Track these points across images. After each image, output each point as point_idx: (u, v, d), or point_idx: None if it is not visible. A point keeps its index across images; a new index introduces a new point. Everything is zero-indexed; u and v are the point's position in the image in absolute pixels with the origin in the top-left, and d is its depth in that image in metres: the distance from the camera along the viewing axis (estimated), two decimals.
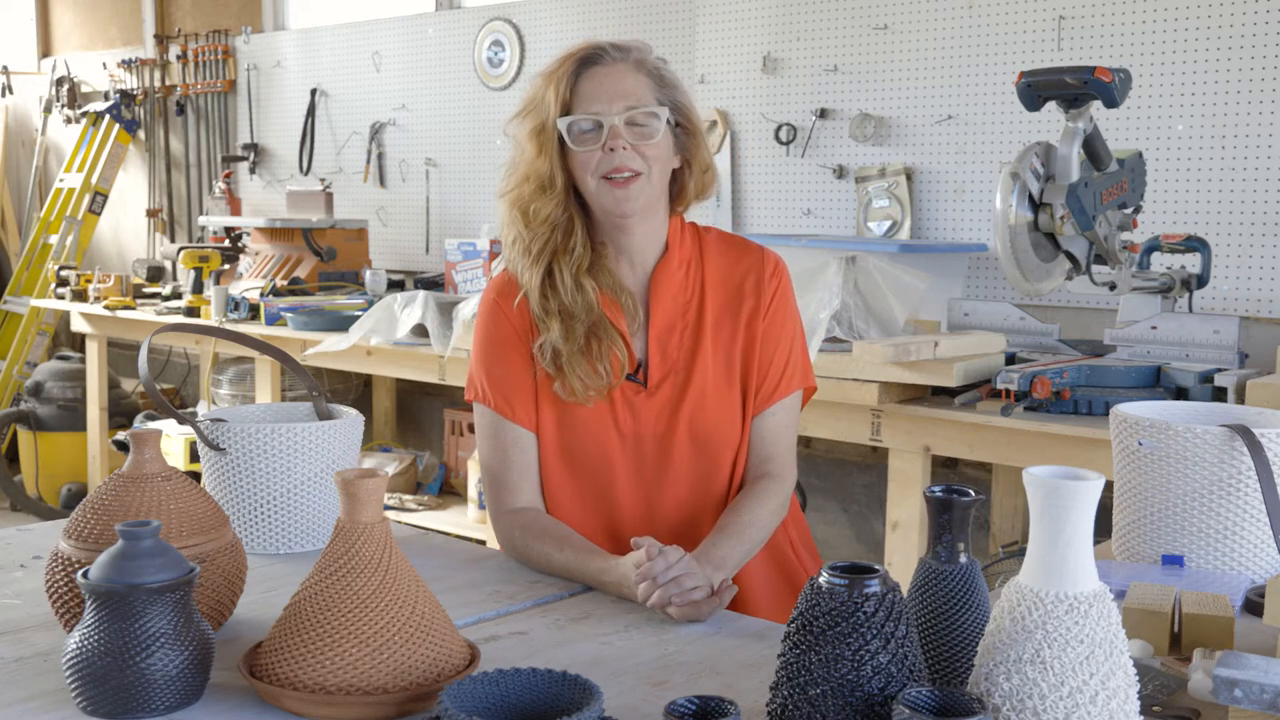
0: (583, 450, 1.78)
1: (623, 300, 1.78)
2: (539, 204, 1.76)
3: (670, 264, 1.81)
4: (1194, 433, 1.60)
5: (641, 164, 1.72)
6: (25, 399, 5.80)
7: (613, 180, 1.72)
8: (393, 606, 1.20)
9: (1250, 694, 1.06)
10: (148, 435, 1.43)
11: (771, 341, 1.82)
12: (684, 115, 1.78)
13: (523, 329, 1.80)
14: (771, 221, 4.09)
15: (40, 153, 7.04)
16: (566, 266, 1.76)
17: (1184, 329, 2.69)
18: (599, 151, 1.71)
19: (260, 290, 4.60)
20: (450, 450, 4.96)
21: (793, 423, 1.85)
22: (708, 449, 1.79)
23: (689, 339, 1.80)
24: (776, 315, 1.83)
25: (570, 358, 1.75)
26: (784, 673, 1.07)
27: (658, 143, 1.73)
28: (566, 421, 1.78)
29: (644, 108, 1.72)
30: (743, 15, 4.12)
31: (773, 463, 1.82)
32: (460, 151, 5.04)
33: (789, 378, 1.82)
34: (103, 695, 1.16)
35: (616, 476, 1.79)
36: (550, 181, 1.75)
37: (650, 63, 1.77)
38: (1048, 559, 1.01)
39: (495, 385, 1.80)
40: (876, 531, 3.99)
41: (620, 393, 1.78)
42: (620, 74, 1.73)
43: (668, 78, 1.78)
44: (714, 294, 1.82)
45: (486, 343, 1.82)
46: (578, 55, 1.75)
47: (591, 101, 1.72)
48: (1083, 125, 2.47)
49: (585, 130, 1.72)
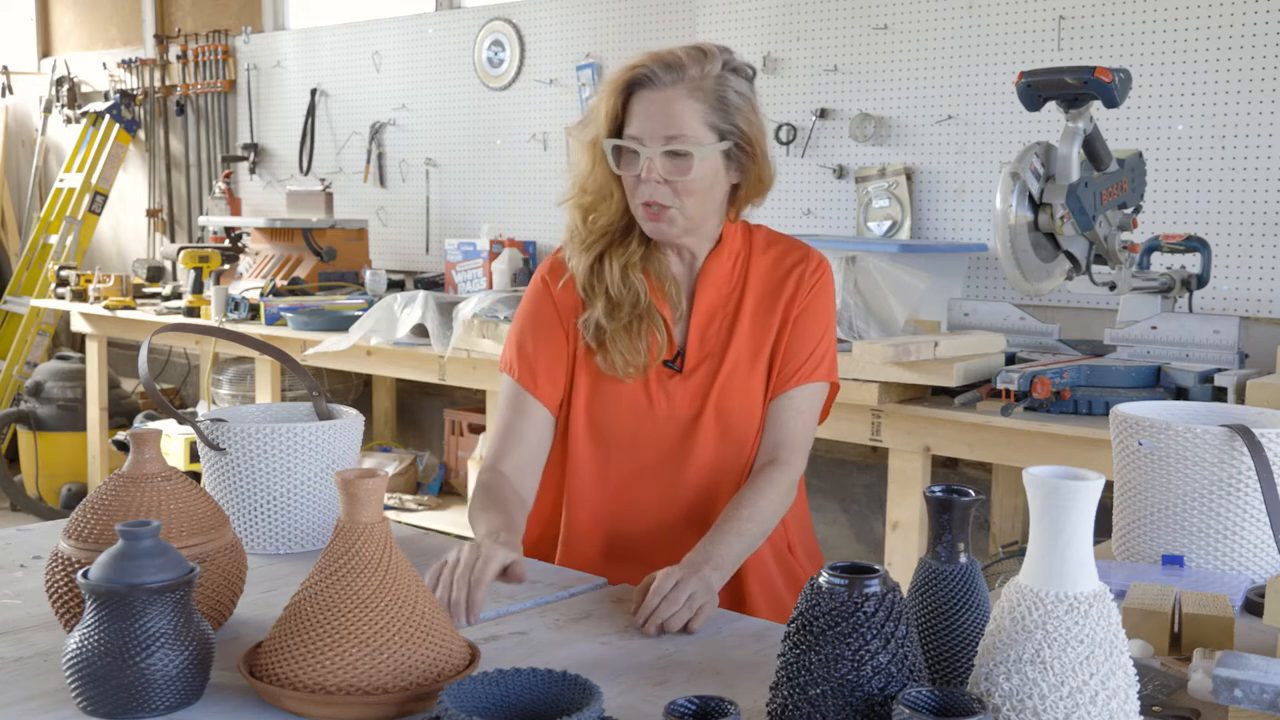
0: (613, 427, 1.81)
1: (667, 288, 1.81)
2: (598, 212, 1.80)
3: (720, 256, 1.84)
4: (1194, 433, 1.60)
5: (671, 199, 1.72)
6: (25, 399, 5.80)
7: (647, 209, 1.74)
8: (393, 606, 1.20)
9: (1250, 694, 1.06)
10: (148, 435, 1.43)
11: (802, 330, 1.83)
12: (746, 140, 1.75)
13: (566, 308, 1.83)
14: (772, 221, 4.03)
15: (40, 153, 7.04)
16: (617, 259, 1.79)
17: (1184, 329, 2.69)
18: (635, 178, 1.73)
19: (260, 290, 4.60)
20: (450, 450, 4.96)
21: (811, 413, 1.84)
22: (732, 431, 1.81)
23: (726, 327, 1.82)
24: (811, 308, 1.84)
25: (614, 334, 1.78)
26: (784, 673, 1.07)
27: (694, 178, 1.71)
28: (600, 397, 1.81)
29: (684, 143, 1.69)
30: (743, 15, 4.12)
31: (783, 449, 1.81)
32: (460, 151, 5.04)
33: (812, 366, 1.83)
34: (103, 695, 1.16)
35: (643, 455, 1.81)
36: (607, 192, 1.78)
37: (710, 84, 1.71)
38: (1048, 559, 1.01)
39: (524, 359, 1.83)
40: (876, 531, 3.99)
41: (656, 375, 1.81)
42: (668, 100, 1.70)
43: (731, 101, 1.72)
44: (755, 286, 1.84)
45: (526, 318, 1.87)
46: (633, 73, 1.72)
47: (635, 128, 1.72)
48: (1083, 125, 2.47)
49: (626, 154, 1.73)
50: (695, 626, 1.46)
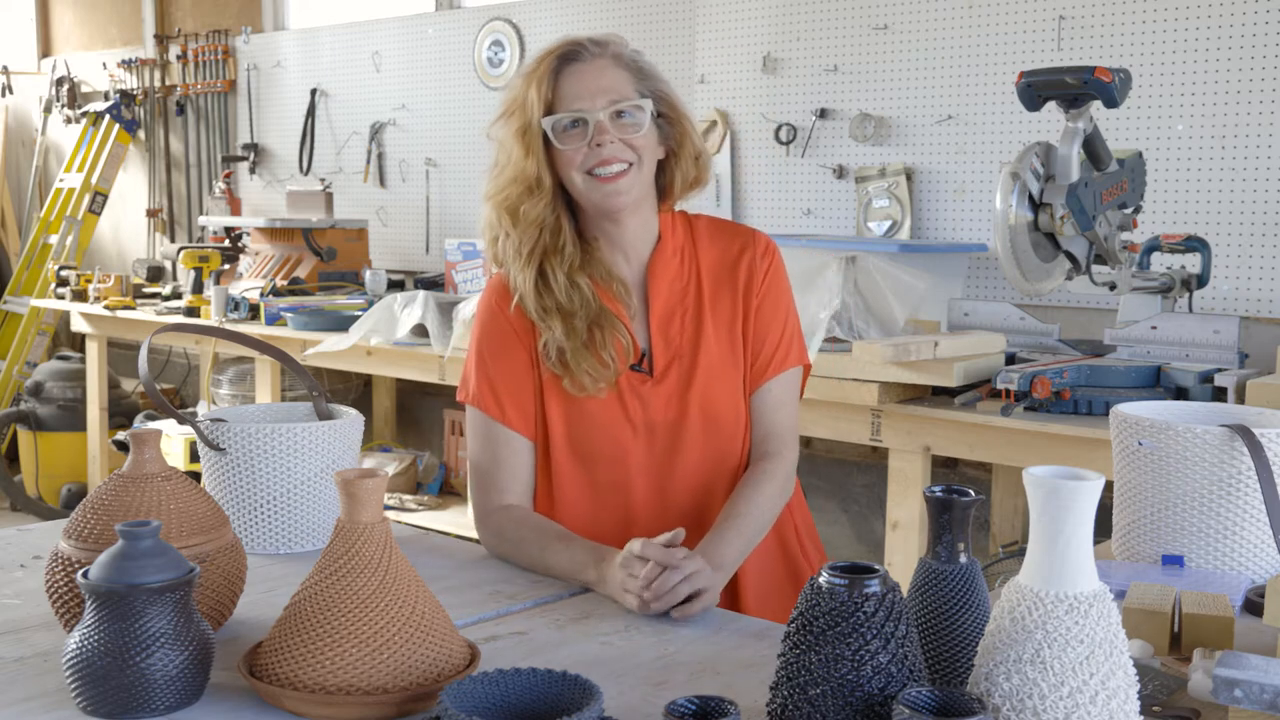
0: (594, 443, 1.79)
1: (615, 289, 1.79)
2: (528, 205, 1.75)
3: (665, 252, 1.82)
4: (1194, 433, 1.60)
5: (632, 155, 1.73)
6: (25, 399, 5.80)
7: (599, 176, 1.72)
8: (393, 606, 1.20)
9: (1250, 694, 1.06)
10: (148, 435, 1.43)
11: (765, 318, 1.82)
12: (666, 104, 1.78)
13: (522, 330, 1.80)
14: (771, 221, 4.09)
15: (40, 153, 7.04)
16: (559, 266, 1.76)
17: (1184, 329, 2.69)
18: (585, 148, 1.71)
19: (260, 290, 4.60)
20: (450, 450, 4.96)
21: (791, 400, 1.85)
22: (719, 431, 1.80)
23: (690, 324, 1.81)
24: (770, 292, 1.83)
25: (575, 353, 1.75)
26: (784, 673, 1.07)
27: (645, 134, 1.74)
28: (575, 416, 1.78)
29: (628, 101, 1.73)
30: (743, 15, 4.12)
31: (771, 441, 1.82)
32: (460, 151, 5.04)
33: (783, 353, 1.83)
34: (103, 695, 1.16)
35: (630, 466, 1.79)
36: (538, 182, 1.74)
37: (628, 55, 1.77)
38: (1048, 559, 1.01)
39: (488, 387, 1.80)
40: (876, 531, 3.99)
41: (627, 382, 1.78)
42: (600, 69, 1.73)
43: (646, 68, 1.78)
44: (710, 277, 1.83)
45: (483, 344, 1.83)
46: (556, 53, 1.75)
47: (574, 99, 1.72)
48: (1083, 125, 2.47)
49: (570, 127, 1.72)
50: (688, 614, 1.48)
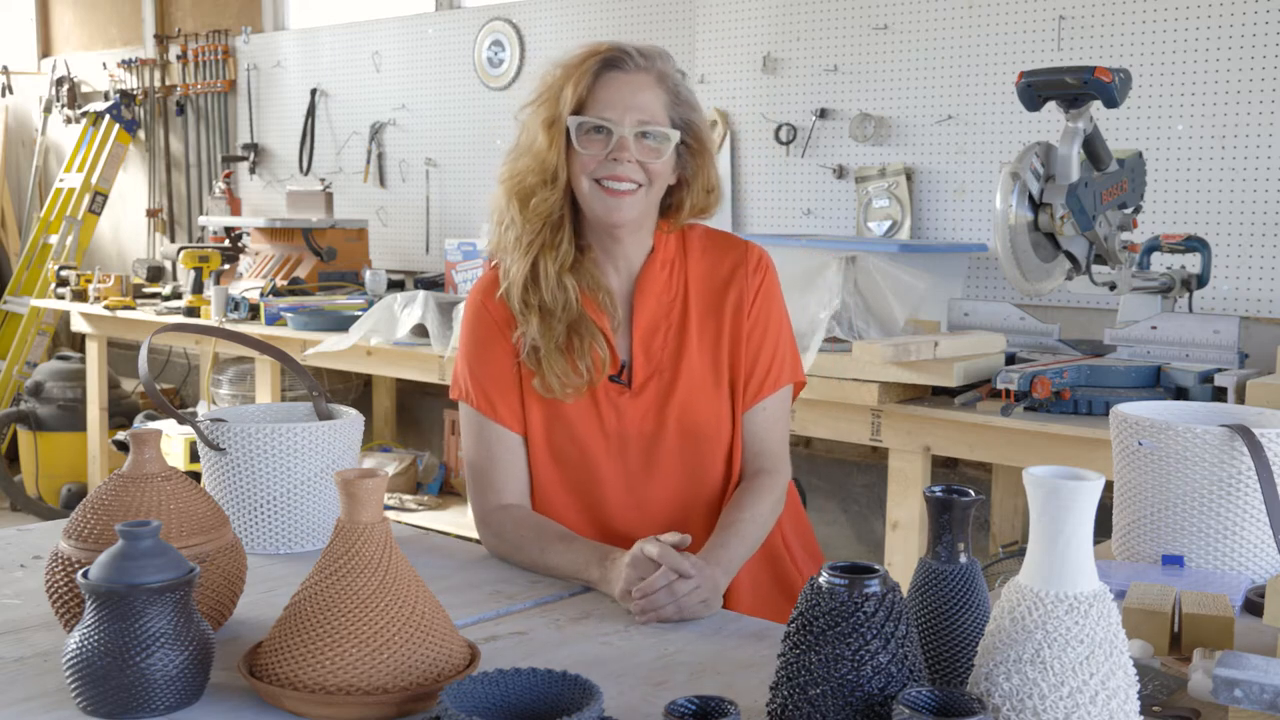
0: (568, 448, 1.78)
1: (601, 299, 1.78)
2: (540, 196, 1.74)
3: (654, 265, 1.81)
4: (1194, 433, 1.60)
5: (643, 177, 1.72)
6: (25, 399, 5.80)
7: (606, 188, 1.72)
8: (393, 606, 1.20)
9: (1250, 694, 1.06)
10: (148, 435, 1.43)
11: (757, 337, 1.81)
12: (693, 136, 1.78)
13: (504, 322, 1.80)
14: (771, 221, 4.09)
15: (40, 153, 7.04)
16: (551, 262, 1.76)
17: (1184, 329, 2.69)
18: (601, 156, 1.71)
19: (260, 290, 4.60)
20: (450, 450, 4.96)
21: (783, 417, 1.85)
22: (698, 447, 1.79)
23: (673, 338, 1.80)
24: (761, 310, 1.82)
25: (548, 354, 1.75)
26: (784, 673, 1.07)
27: (663, 161, 1.73)
28: (553, 419, 1.78)
29: (657, 125, 1.72)
30: (743, 15, 4.12)
31: (765, 458, 1.82)
32: (460, 151, 5.04)
33: (776, 372, 1.82)
34: (103, 695, 1.16)
35: (602, 475, 1.78)
36: (554, 175, 1.74)
37: (671, 78, 1.76)
38: (1048, 559, 1.01)
39: (478, 384, 1.80)
40: (876, 531, 3.99)
41: (604, 393, 1.78)
42: (639, 85, 1.72)
43: (684, 95, 1.77)
44: (698, 292, 1.82)
45: (471, 340, 1.83)
46: (602, 54, 1.73)
47: (606, 107, 1.71)
48: (1083, 125, 2.47)
49: (593, 132, 1.72)
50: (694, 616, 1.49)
